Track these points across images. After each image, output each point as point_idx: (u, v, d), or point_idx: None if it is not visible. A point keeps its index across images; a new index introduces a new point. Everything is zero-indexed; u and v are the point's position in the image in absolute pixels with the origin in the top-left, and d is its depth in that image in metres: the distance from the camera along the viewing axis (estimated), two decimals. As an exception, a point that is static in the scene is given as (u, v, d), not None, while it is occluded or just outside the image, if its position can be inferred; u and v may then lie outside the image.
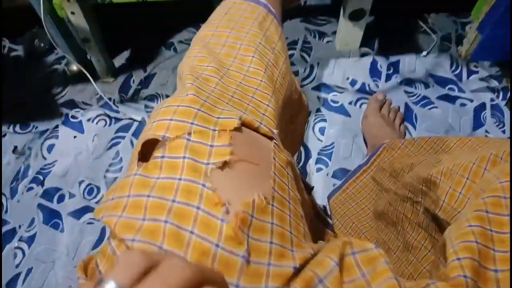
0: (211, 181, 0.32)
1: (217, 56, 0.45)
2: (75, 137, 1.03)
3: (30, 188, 0.95)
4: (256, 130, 0.39)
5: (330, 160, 0.95)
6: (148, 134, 0.35)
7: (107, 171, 0.97)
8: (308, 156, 0.95)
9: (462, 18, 1.19)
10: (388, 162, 0.75)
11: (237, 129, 0.36)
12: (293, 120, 0.57)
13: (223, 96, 0.40)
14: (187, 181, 0.32)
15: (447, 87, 1.05)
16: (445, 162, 0.50)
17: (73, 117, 1.06)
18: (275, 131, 0.40)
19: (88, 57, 1.06)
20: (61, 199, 0.94)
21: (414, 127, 0.99)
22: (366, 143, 0.96)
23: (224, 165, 0.33)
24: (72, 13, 0.91)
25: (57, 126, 1.05)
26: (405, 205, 0.56)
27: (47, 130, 1.04)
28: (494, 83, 1.05)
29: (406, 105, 1.02)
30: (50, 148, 1.02)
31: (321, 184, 0.91)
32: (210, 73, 0.42)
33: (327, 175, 0.93)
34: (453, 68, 1.08)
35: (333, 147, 0.97)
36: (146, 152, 0.35)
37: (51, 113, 1.07)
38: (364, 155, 0.94)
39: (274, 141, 0.39)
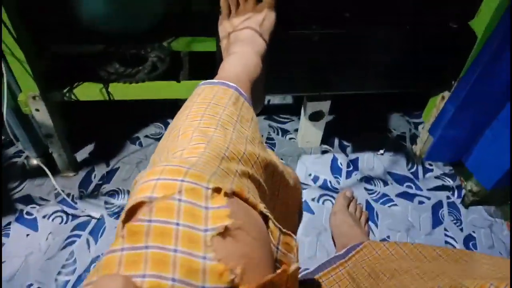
0: (213, 250, 0.27)
1: (197, 127, 0.42)
2: (27, 235, 0.97)
3: (-29, 293, 0.87)
4: (245, 200, 0.34)
5: (294, 259, 0.93)
6: (131, 200, 0.30)
7: (59, 273, 0.91)
8: (272, 255, 0.93)
9: (414, 118, 1.27)
10: (367, 261, 0.74)
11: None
12: (279, 196, 0.54)
13: (212, 160, 0.36)
14: (185, 254, 0.27)
15: (405, 185, 1.09)
16: (435, 278, 0.50)
17: (28, 213, 1.01)
18: (263, 205, 0.35)
19: (50, 151, 1.04)
20: (4, 306, 0.86)
21: (376, 225, 1.00)
22: (334, 240, 0.95)
23: (225, 231, 0.29)
24: (37, 110, 0.91)
25: (9, 223, 0.99)
26: None
27: (-3, 227, 0.99)
28: (449, 181, 1.10)
29: (367, 202, 1.04)
30: (-1, 247, 0.95)
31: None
32: (196, 141, 0.38)
33: (291, 275, 0.90)
34: (409, 166, 1.13)
35: (297, 246, 0.95)
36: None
37: (5, 209, 1.02)
38: (329, 254, 0.93)
39: (271, 220, 0.35)
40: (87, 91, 0.93)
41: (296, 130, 1.21)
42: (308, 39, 0.87)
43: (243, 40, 0.66)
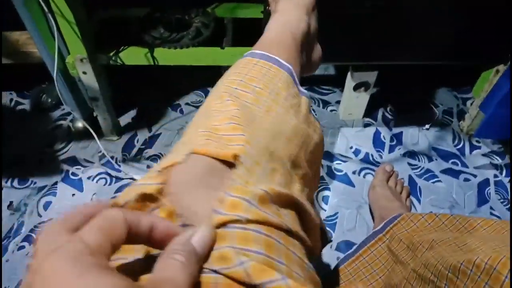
0: None
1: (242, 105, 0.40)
2: (73, 195, 1.01)
3: (21, 247, 0.92)
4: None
5: (334, 231, 0.93)
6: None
7: (103, 232, 0.94)
8: (311, 225, 0.93)
9: (463, 94, 1.22)
10: (405, 234, 0.73)
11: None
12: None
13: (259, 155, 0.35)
14: None
15: (450, 161, 1.05)
16: (474, 248, 0.48)
17: (73, 174, 1.05)
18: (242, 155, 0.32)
19: (94, 115, 1.07)
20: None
21: (419, 201, 0.97)
22: (372, 215, 0.94)
23: None
24: (84, 72, 0.93)
25: (55, 183, 1.03)
26: (425, 286, 0.54)
27: (45, 186, 1.02)
28: (497, 160, 1.05)
29: (410, 177, 1.02)
30: (47, 205, 0.99)
31: (324, 257, 0.88)
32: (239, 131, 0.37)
33: (330, 247, 0.90)
34: (456, 142, 1.09)
35: (337, 218, 0.95)
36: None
37: (51, 169, 1.06)
38: (369, 228, 0.92)
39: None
40: (133, 56, 0.94)
41: (338, 102, 1.19)
42: (359, 5, 0.83)
43: None
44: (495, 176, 1.03)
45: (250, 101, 0.40)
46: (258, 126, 0.37)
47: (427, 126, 1.12)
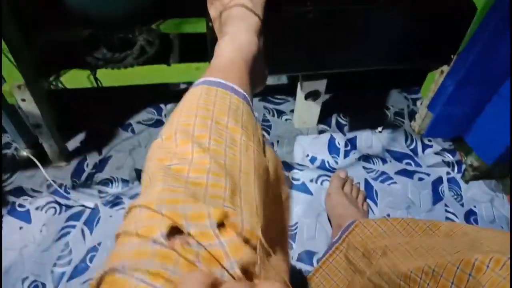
0: None
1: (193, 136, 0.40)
2: (21, 228, 0.95)
3: (-34, 289, 0.86)
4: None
5: (294, 242, 0.92)
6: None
7: (54, 265, 0.89)
8: (271, 239, 0.92)
9: (412, 94, 1.25)
10: (360, 241, 0.73)
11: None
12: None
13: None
14: None
15: (404, 162, 1.07)
16: (425, 255, 0.49)
17: (20, 205, 0.99)
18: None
19: (40, 141, 1.02)
20: (1, 300, 0.84)
21: (376, 204, 0.98)
22: (330, 222, 0.94)
23: None
24: (23, 100, 0.88)
25: (1, 216, 0.97)
26: None
27: (-10, 221, 0.96)
28: (449, 157, 1.08)
29: (366, 181, 1.03)
30: (-7, 241, 0.93)
31: (286, 269, 0.87)
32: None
33: (292, 258, 0.89)
34: (408, 142, 1.11)
35: (296, 228, 0.94)
36: None
37: (-4, 202, 1.00)
38: (328, 235, 0.92)
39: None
40: (74, 79, 0.90)
41: (292, 110, 1.19)
42: (302, 16, 0.84)
43: (234, 19, 0.63)
44: (448, 173, 1.05)
45: (230, 141, 0.39)
46: (247, 181, 0.37)
47: (379, 128, 1.13)
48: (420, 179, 1.04)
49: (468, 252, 0.44)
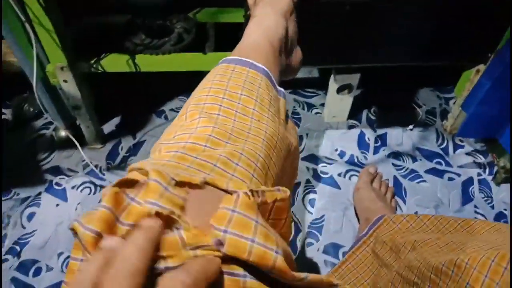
0: None
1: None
2: (57, 205, 0.99)
3: (5, 260, 0.90)
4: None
5: (320, 234, 0.93)
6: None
7: (88, 242, 0.92)
8: (298, 229, 0.93)
9: (445, 93, 1.23)
10: (388, 235, 0.73)
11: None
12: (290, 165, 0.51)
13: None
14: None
15: (434, 161, 1.06)
16: (456, 250, 0.49)
17: (57, 184, 1.03)
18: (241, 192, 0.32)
19: (77, 123, 1.05)
20: (37, 272, 0.89)
21: (404, 201, 0.98)
22: (357, 217, 0.94)
23: None
24: (65, 81, 0.92)
25: (39, 193, 1.02)
26: None
27: (28, 197, 1.01)
28: (480, 158, 1.06)
29: (395, 178, 1.02)
30: (31, 216, 0.97)
31: (312, 260, 0.88)
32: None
33: (317, 250, 0.90)
34: (439, 142, 1.10)
35: (323, 220, 0.95)
36: None
37: (35, 179, 1.04)
38: (355, 229, 0.93)
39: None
40: (114, 63, 0.93)
41: (322, 104, 1.19)
42: (339, 8, 0.84)
43: (265, 1, 0.63)
44: (479, 174, 1.04)
45: (241, 111, 0.40)
46: (254, 140, 0.38)
47: (410, 126, 1.13)
48: (450, 179, 1.03)
49: (503, 247, 0.44)
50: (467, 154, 1.08)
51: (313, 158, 1.07)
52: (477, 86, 0.93)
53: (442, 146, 1.09)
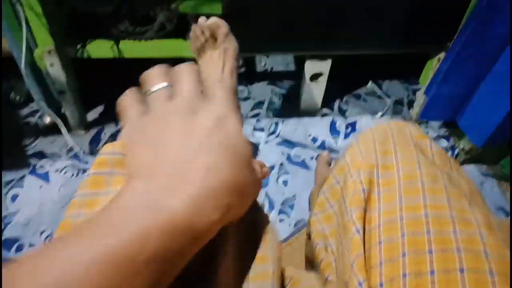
0: None
1: None
2: (41, 187, 1.03)
3: (-11, 237, 0.93)
4: None
5: (293, 211, 0.98)
6: None
7: (71, 219, 0.96)
8: (271, 207, 0.99)
9: (413, 85, 1.31)
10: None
11: None
12: None
13: None
14: None
15: (401, 145, 1.13)
16: None
17: (41, 167, 1.07)
18: None
19: (62, 111, 1.10)
20: (19, 249, 0.92)
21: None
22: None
23: None
24: (51, 65, 0.96)
25: (23, 176, 1.05)
26: None
27: (12, 180, 1.04)
28: (444, 142, 1.14)
29: (364, 161, 1.09)
30: (14, 198, 1.01)
31: (283, 233, 0.94)
32: None
33: (289, 225, 0.96)
34: (406, 128, 1.18)
35: (295, 199, 1.00)
36: None
37: (19, 163, 1.08)
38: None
39: None
40: (99, 48, 0.98)
41: (298, 94, 1.26)
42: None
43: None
44: (442, 158, 1.11)
45: None
46: None
47: (379, 114, 1.20)
48: (415, 161, 1.09)
49: None
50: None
51: (288, 144, 1.13)
52: (437, 70, 1.00)
53: (408, 133, 1.16)
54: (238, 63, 0.77)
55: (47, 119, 1.15)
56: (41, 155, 1.10)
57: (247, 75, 1.33)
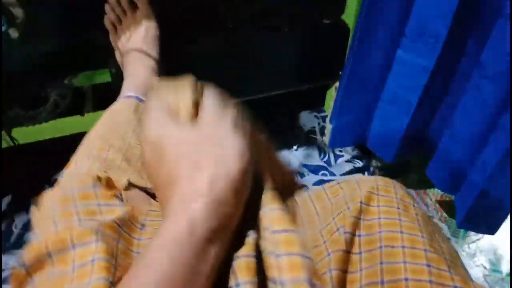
0: None
1: None
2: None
3: None
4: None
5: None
6: None
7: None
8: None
9: (321, 113, 1.36)
10: None
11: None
12: None
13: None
14: None
15: (320, 173, 1.16)
16: None
17: None
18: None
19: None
20: None
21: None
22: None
23: None
24: None
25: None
26: None
27: None
28: (358, 163, 1.19)
29: (289, 196, 1.10)
30: None
31: None
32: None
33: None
34: (322, 156, 1.22)
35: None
36: None
37: None
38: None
39: None
40: (-11, 140, 0.92)
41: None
42: (211, 46, 0.94)
43: (133, 61, 0.72)
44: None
45: None
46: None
47: (295, 147, 1.23)
48: (337, 186, 1.13)
49: None
50: (347, 161, 1.19)
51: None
52: (335, 99, 1.05)
53: (325, 159, 1.20)
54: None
55: None
56: None
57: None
